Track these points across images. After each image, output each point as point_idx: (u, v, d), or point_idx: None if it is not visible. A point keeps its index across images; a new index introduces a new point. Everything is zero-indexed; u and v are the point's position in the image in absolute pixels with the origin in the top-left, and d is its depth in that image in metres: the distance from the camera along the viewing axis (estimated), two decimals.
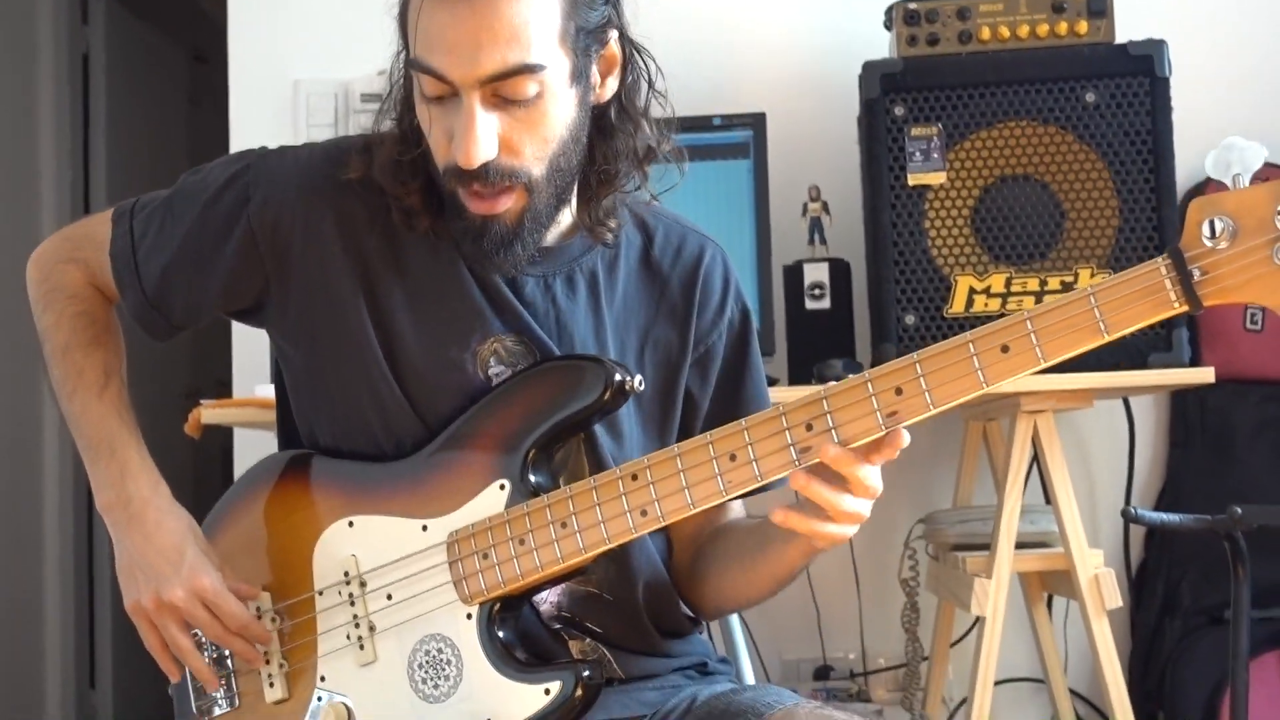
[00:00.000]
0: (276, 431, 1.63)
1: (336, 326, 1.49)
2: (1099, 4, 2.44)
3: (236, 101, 3.03)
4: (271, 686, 1.46)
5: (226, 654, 1.48)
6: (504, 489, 1.40)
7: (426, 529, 1.42)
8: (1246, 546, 1.96)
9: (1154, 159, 2.35)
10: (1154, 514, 2.10)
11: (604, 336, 1.52)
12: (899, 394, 1.27)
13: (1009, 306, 2.34)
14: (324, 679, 1.43)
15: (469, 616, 1.39)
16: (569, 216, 1.52)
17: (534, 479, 1.40)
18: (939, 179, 2.39)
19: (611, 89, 1.47)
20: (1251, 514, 1.93)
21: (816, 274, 2.58)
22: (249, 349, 2.85)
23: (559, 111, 1.39)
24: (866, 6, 2.74)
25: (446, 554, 1.40)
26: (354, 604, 1.43)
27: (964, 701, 2.56)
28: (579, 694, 1.35)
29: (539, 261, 1.50)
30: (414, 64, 1.38)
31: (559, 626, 1.47)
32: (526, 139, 1.38)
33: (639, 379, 1.43)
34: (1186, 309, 1.21)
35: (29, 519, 4.03)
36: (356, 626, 1.43)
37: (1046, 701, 2.81)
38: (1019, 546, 2.34)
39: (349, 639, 1.43)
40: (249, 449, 2.92)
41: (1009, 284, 2.36)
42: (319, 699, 1.43)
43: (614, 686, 1.48)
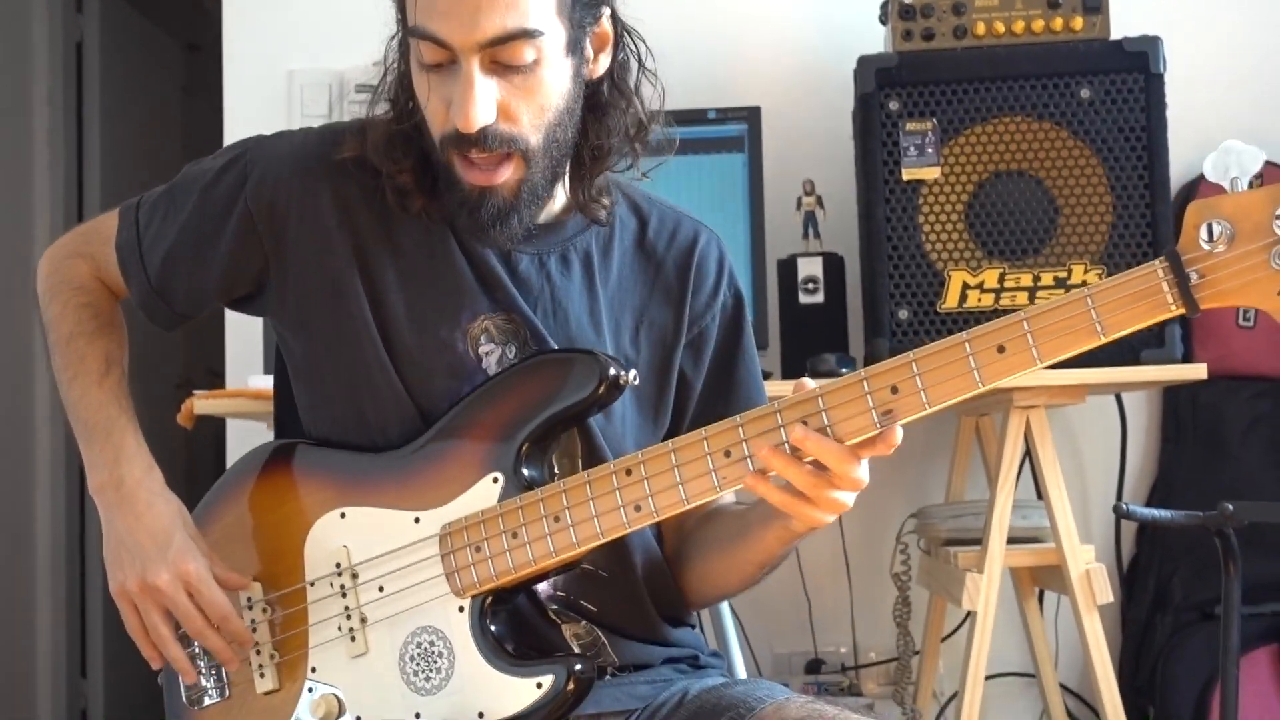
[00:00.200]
0: (274, 423, 1.63)
1: (332, 306, 1.49)
2: (1094, 0, 2.44)
3: (230, 91, 3.02)
4: (262, 677, 1.46)
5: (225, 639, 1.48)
6: (497, 482, 1.40)
7: (419, 521, 1.42)
8: (1238, 543, 1.96)
9: (1148, 155, 2.35)
10: (1145, 510, 2.10)
11: (599, 315, 1.53)
12: (895, 393, 1.27)
13: (1002, 302, 2.34)
14: (315, 670, 1.43)
15: (461, 609, 1.39)
16: (563, 197, 1.54)
17: (527, 472, 1.40)
18: (933, 174, 2.39)
19: (604, 65, 1.49)
20: (1243, 510, 1.93)
21: (810, 268, 2.59)
22: (242, 340, 2.85)
23: (555, 80, 1.41)
24: (862, 1, 2.73)
25: (439, 546, 1.40)
26: (345, 595, 1.43)
27: (955, 696, 2.57)
28: (571, 688, 1.35)
29: (534, 239, 1.51)
30: (413, 31, 1.39)
31: (556, 607, 1.47)
32: (524, 106, 1.39)
33: (633, 373, 1.44)
34: (1183, 312, 1.21)
35: (20, 508, 4.03)
36: (348, 618, 1.43)
37: (1037, 696, 2.81)
38: (1011, 541, 2.34)
39: (340, 630, 1.43)
40: (241, 439, 2.92)
41: (1002, 279, 2.36)
42: (310, 690, 1.43)
43: (606, 680, 1.48)
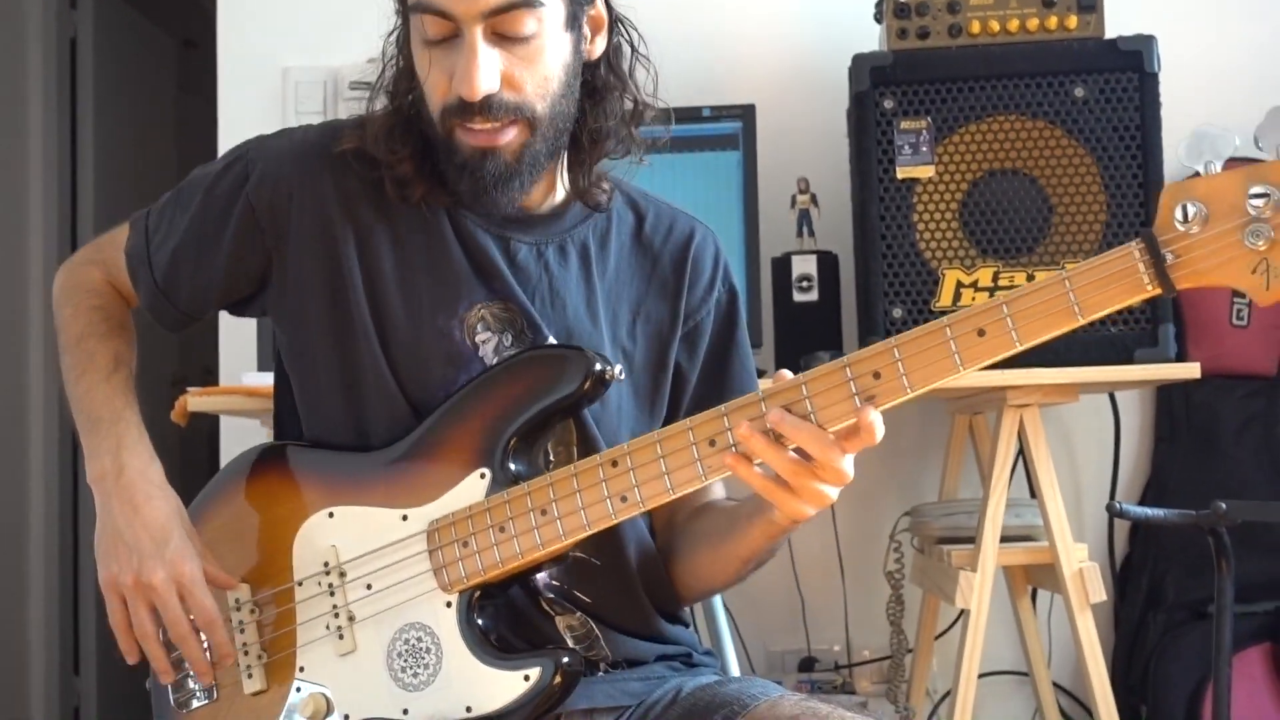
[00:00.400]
0: (274, 422, 1.63)
1: (328, 298, 1.50)
2: None
3: (225, 88, 3.02)
4: (250, 678, 1.45)
5: (206, 646, 1.46)
6: (484, 478, 1.40)
7: (407, 518, 1.42)
8: (1230, 541, 1.97)
9: (1142, 154, 2.35)
10: (1139, 509, 2.11)
11: (595, 306, 1.54)
12: (877, 378, 1.28)
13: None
14: (303, 669, 1.43)
15: (449, 605, 1.39)
16: (562, 191, 1.57)
17: (514, 468, 1.41)
18: (928, 172, 2.39)
19: (600, 48, 1.52)
20: (1236, 509, 1.94)
21: (804, 266, 2.59)
22: (236, 337, 2.85)
23: (556, 51, 1.43)
24: None
25: (426, 543, 1.41)
26: (333, 594, 1.43)
27: (948, 694, 2.57)
28: (558, 680, 1.36)
29: (532, 229, 1.53)
30: (416, 6, 1.41)
31: (552, 596, 1.47)
32: (527, 76, 1.42)
33: (619, 369, 1.45)
34: (1159, 292, 1.23)
35: (14, 505, 4.02)
36: (336, 616, 1.43)
37: (1030, 695, 2.81)
38: (1004, 540, 2.34)
39: (328, 629, 1.43)
40: (235, 436, 2.92)
41: (996, 278, 2.36)
42: (298, 689, 1.42)
43: (599, 676, 1.48)
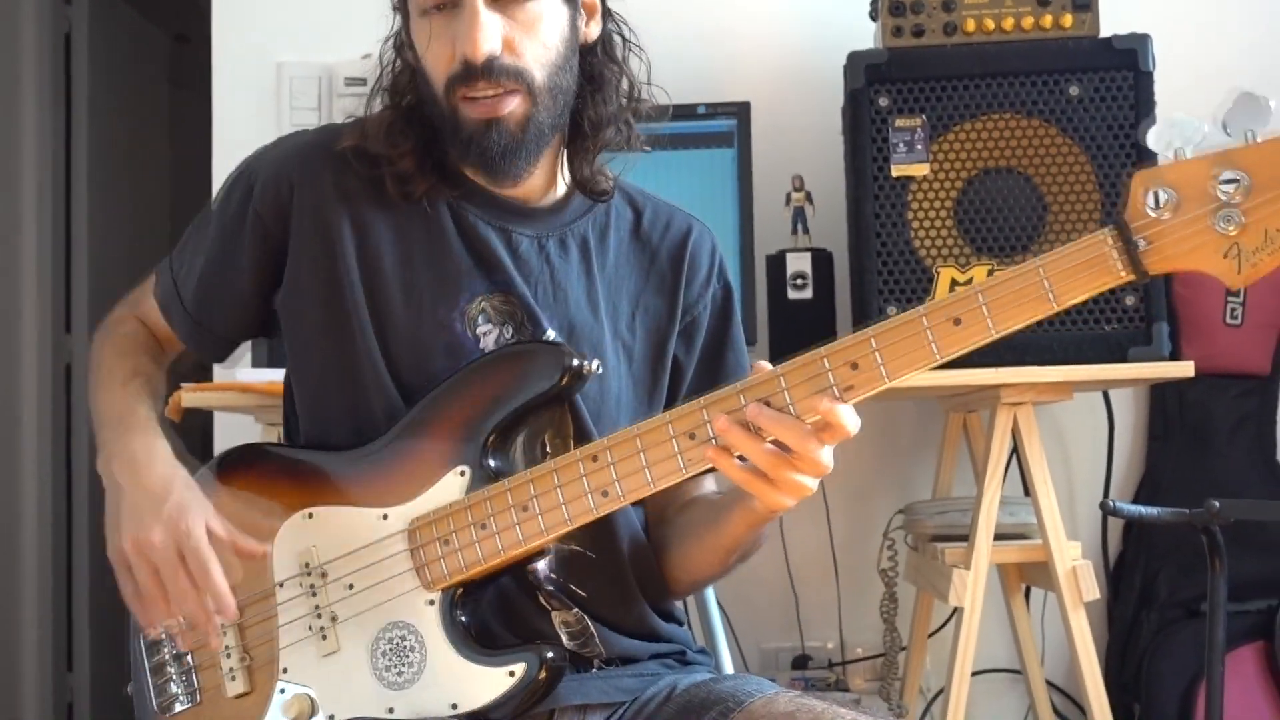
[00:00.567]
0: (282, 424, 1.64)
1: (327, 293, 1.51)
2: None
3: (219, 84, 3.01)
4: (233, 680, 1.44)
5: (186, 650, 1.46)
6: (464, 475, 1.40)
7: (386, 517, 1.42)
8: (1223, 540, 1.97)
9: (1136, 153, 2.35)
10: (1132, 507, 2.11)
11: (596, 298, 1.55)
12: (855, 369, 1.28)
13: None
14: (286, 671, 1.43)
15: (430, 602, 1.39)
16: (563, 185, 1.59)
17: (493, 464, 1.41)
18: (922, 170, 2.39)
19: (595, 33, 1.55)
20: (1229, 508, 1.94)
21: (799, 264, 2.58)
22: None
23: (553, 21, 1.47)
24: None
25: (407, 541, 1.40)
26: (315, 595, 1.43)
27: (941, 691, 2.57)
28: (543, 675, 1.36)
29: (533, 222, 1.55)
30: None
31: (551, 589, 1.48)
32: (527, 41, 1.45)
33: (595, 363, 1.46)
34: (1133, 279, 1.24)
35: (7, 501, 4.01)
36: (318, 617, 1.42)
37: (1023, 692, 2.82)
38: (998, 538, 2.34)
39: (310, 630, 1.42)
40: (229, 433, 2.91)
41: (991, 276, 2.35)
42: (281, 691, 1.42)
43: (593, 672, 1.49)
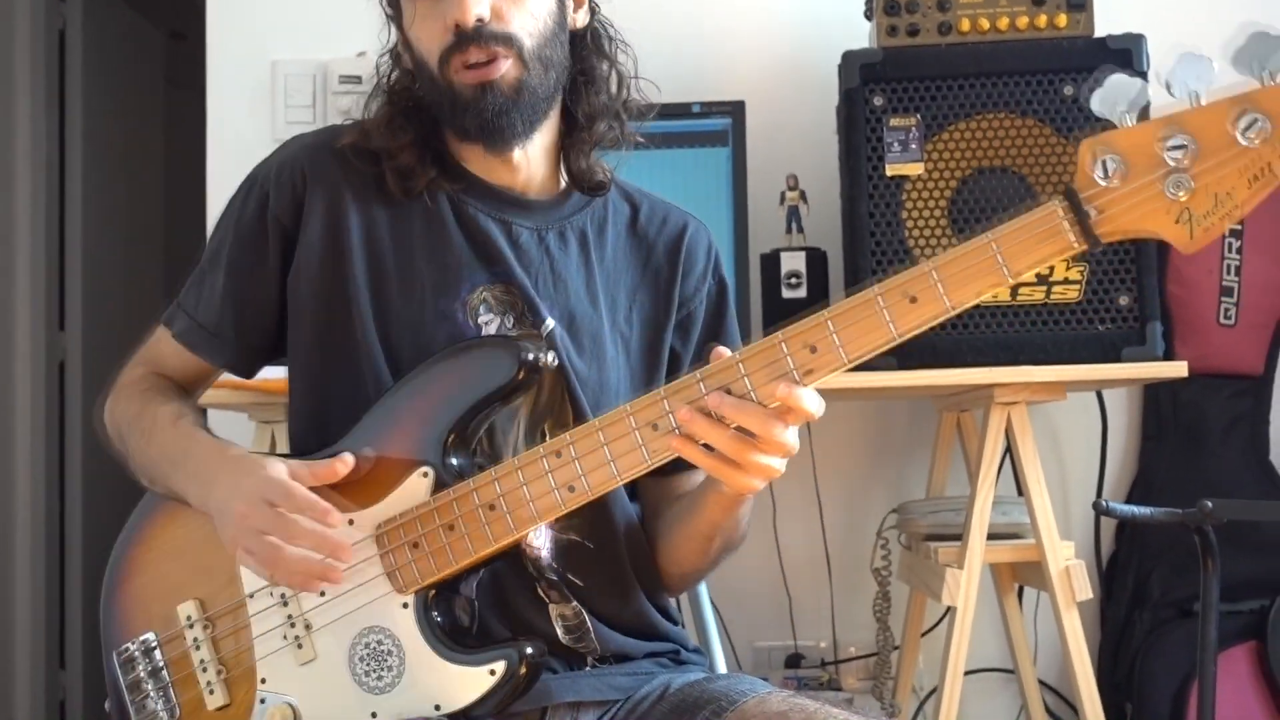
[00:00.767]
0: (287, 427, 1.64)
1: (331, 281, 1.52)
2: None
3: (214, 81, 3.01)
4: (212, 694, 1.44)
5: (162, 666, 1.46)
6: (427, 476, 1.40)
7: (353, 522, 1.40)
8: (1216, 540, 1.97)
9: None
10: (1125, 507, 2.11)
11: (595, 289, 1.57)
12: (813, 351, 1.28)
13: (983, 298, 2.34)
14: (265, 681, 1.42)
15: (405, 606, 1.39)
16: (562, 181, 1.61)
17: (455, 462, 1.40)
18: (917, 170, 2.39)
19: (583, 21, 1.59)
20: (1222, 508, 1.94)
21: (793, 263, 2.58)
22: None
23: None
24: None
25: (376, 546, 1.40)
26: (287, 604, 1.42)
27: (934, 691, 2.57)
28: (524, 671, 1.36)
29: (533, 214, 1.57)
30: None
31: (554, 578, 1.48)
32: (514, 10, 1.48)
33: (551, 356, 1.47)
34: (1086, 248, 1.24)
35: (0, 499, 4.01)
36: (292, 626, 1.41)
37: (1016, 692, 2.82)
38: (991, 537, 2.34)
39: (286, 639, 1.41)
40: (223, 431, 2.86)
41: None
42: (262, 701, 1.41)
43: (586, 670, 1.49)
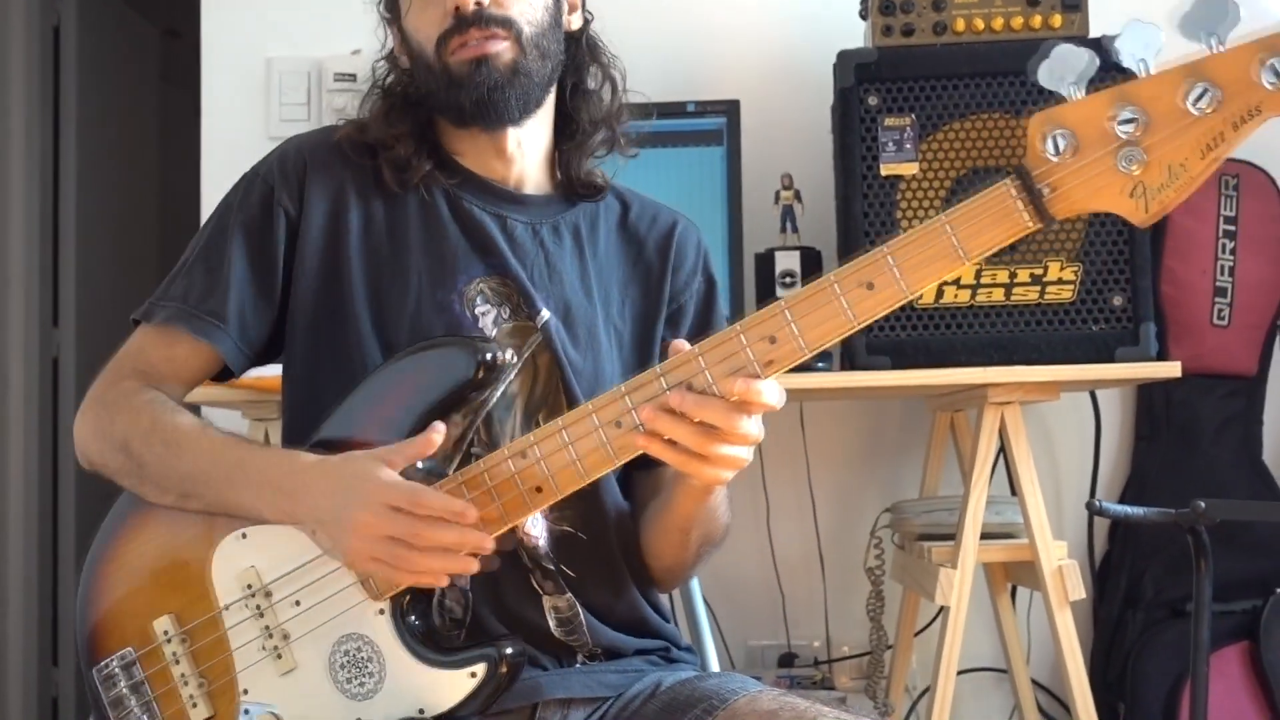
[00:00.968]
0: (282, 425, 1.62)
1: (327, 271, 1.53)
2: None
3: (209, 78, 3.00)
4: (195, 707, 1.43)
5: (142, 681, 1.44)
6: None
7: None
8: (1209, 540, 1.97)
9: None
10: (1118, 507, 2.11)
11: (589, 282, 1.58)
12: (773, 342, 1.28)
13: (978, 299, 2.35)
14: (247, 692, 1.41)
15: (381, 612, 1.38)
16: (558, 178, 1.64)
17: (420, 465, 1.38)
18: (911, 169, 2.39)
19: (576, 24, 1.63)
20: (1215, 508, 1.94)
21: (788, 262, 2.58)
22: None
23: None
24: None
25: None
26: (263, 615, 1.41)
27: (927, 690, 2.57)
28: (504, 670, 1.36)
29: (527, 210, 1.59)
30: None
31: (551, 567, 1.48)
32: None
33: (509, 352, 1.47)
34: (1040, 226, 1.22)
35: None
36: (270, 637, 1.40)
37: (1009, 691, 2.82)
38: (984, 537, 2.35)
39: (264, 650, 1.41)
40: None
41: (979, 276, 2.36)
42: (246, 712, 1.41)
43: (577, 666, 1.50)
